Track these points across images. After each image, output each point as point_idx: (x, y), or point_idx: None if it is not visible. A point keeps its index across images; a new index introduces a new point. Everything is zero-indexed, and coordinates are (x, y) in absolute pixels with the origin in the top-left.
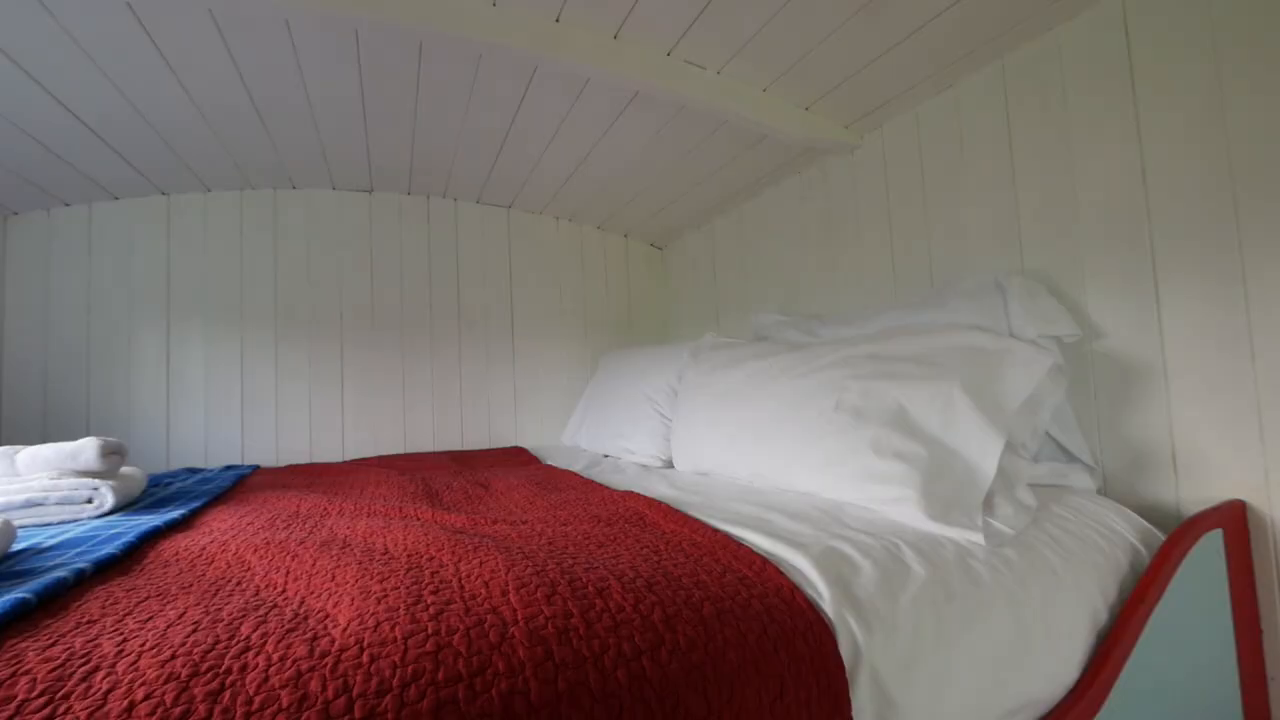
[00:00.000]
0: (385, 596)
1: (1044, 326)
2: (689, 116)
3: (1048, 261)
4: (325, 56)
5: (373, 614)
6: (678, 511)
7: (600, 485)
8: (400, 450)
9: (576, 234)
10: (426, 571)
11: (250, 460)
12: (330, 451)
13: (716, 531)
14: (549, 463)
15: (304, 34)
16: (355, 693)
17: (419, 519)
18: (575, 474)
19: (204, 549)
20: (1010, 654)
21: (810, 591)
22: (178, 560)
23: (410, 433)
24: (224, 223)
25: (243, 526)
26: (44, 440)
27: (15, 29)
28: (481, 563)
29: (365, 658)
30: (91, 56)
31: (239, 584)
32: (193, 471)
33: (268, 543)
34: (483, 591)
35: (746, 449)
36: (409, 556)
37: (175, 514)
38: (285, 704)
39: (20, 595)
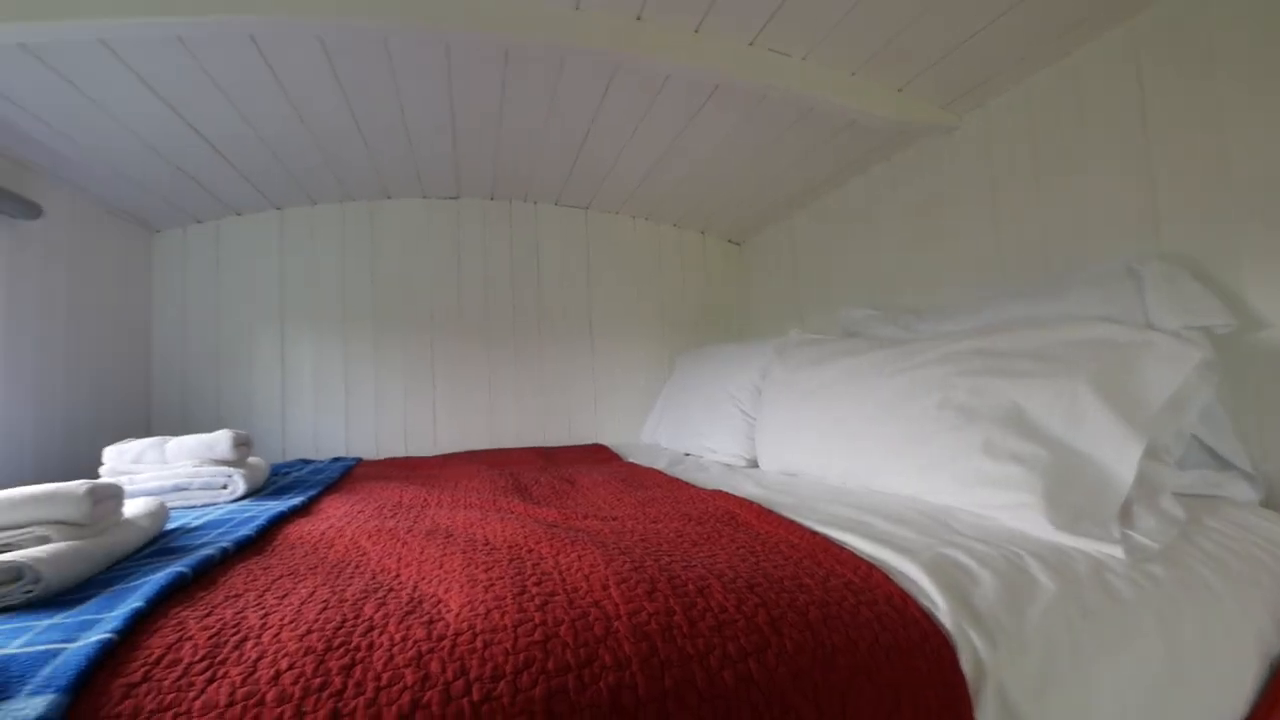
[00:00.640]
0: (492, 585)
1: (1189, 316)
2: (771, 106)
3: (1192, 244)
4: (419, 72)
5: (482, 601)
6: (770, 512)
7: (686, 484)
8: (486, 445)
9: (653, 232)
10: (528, 563)
11: (353, 453)
12: (423, 445)
13: (814, 534)
14: (630, 460)
15: (401, 52)
16: (472, 676)
17: (512, 512)
18: (659, 472)
19: (324, 534)
20: (1162, 680)
21: (924, 601)
22: (302, 543)
23: (495, 429)
24: (328, 233)
25: (354, 514)
26: (183, 431)
27: (162, 67)
28: (580, 556)
29: (479, 643)
30: (221, 88)
31: (357, 567)
32: (305, 462)
33: (379, 530)
34: (584, 585)
35: (838, 449)
36: (509, 548)
37: (296, 501)
38: (410, 682)
39: (178, 569)
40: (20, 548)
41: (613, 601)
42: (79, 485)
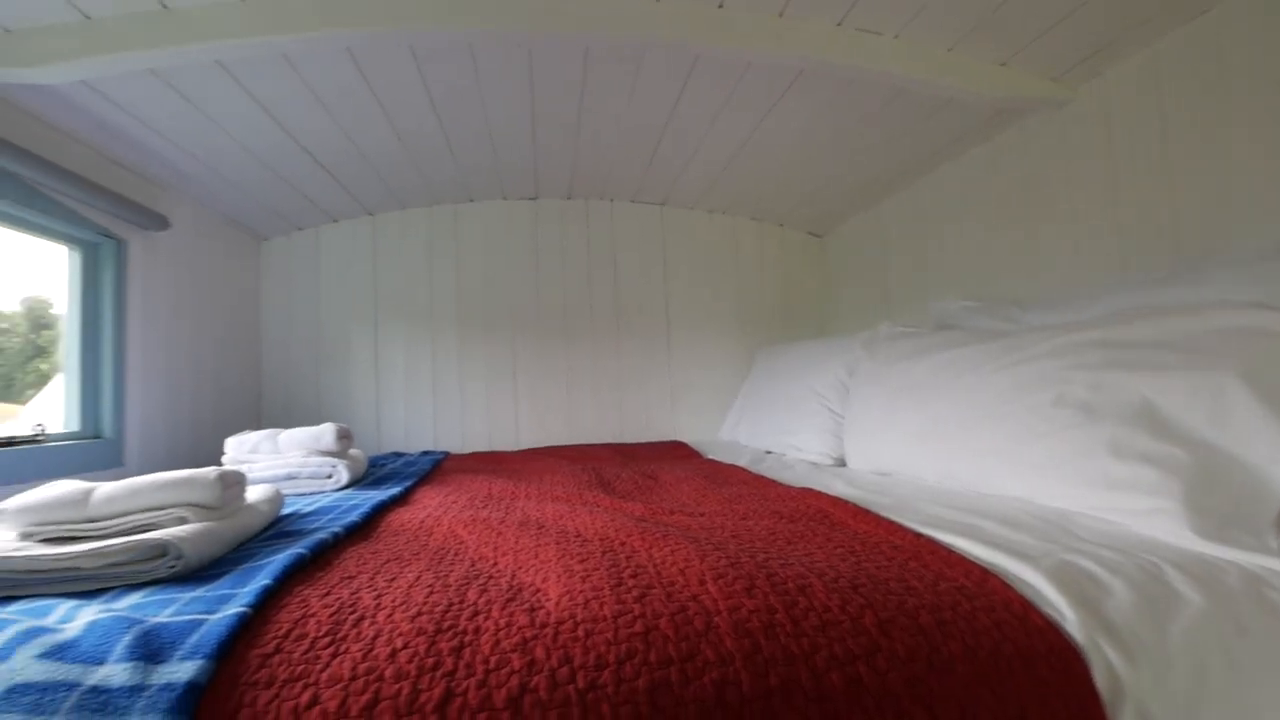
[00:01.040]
0: (588, 576)
1: None
2: (858, 89)
3: None
4: (502, 75)
5: (580, 591)
6: (868, 512)
7: (772, 481)
8: (566, 441)
9: (729, 226)
10: (621, 556)
11: (441, 447)
12: (506, 440)
13: (918, 535)
14: (711, 457)
15: (485, 56)
16: (576, 664)
17: (599, 506)
18: (743, 469)
19: (422, 522)
20: None
21: (1048, 610)
22: (404, 530)
23: (574, 425)
24: (416, 236)
25: (449, 504)
26: (287, 425)
27: (269, 84)
28: (673, 551)
29: (581, 632)
30: (322, 101)
31: (456, 555)
32: (398, 455)
33: (474, 520)
34: (680, 579)
35: (937, 447)
36: (601, 541)
37: (395, 491)
38: (517, 667)
39: (298, 550)
40: (162, 527)
41: (711, 597)
42: (210, 471)
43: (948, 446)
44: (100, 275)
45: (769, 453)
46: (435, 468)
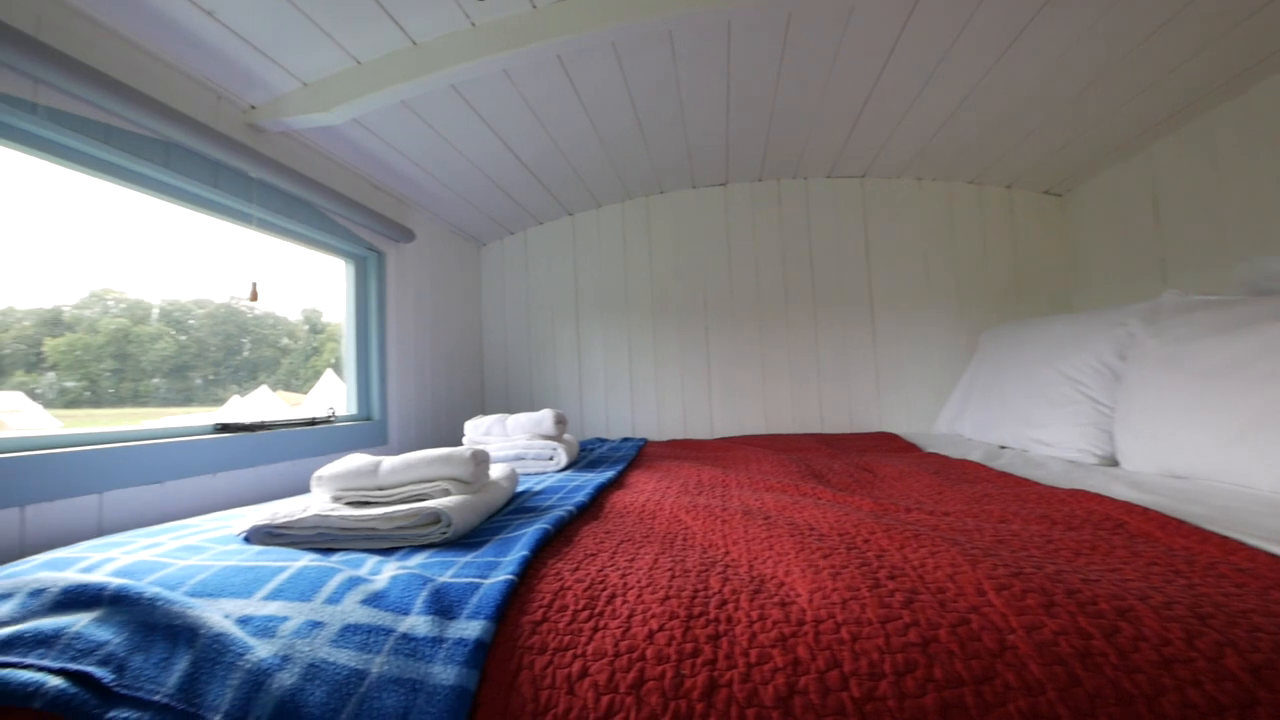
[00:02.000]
0: (838, 574)
1: None
2: (1135, 2)
3: None
4: (698, 59)
5: (833, 589)
6: (1182, 523)
7: (1024, 480)
8: (761, 431)
9: (943, 194)
10: (869, 554)
11: (639, 433)
12: (701, 428)
13: (1274, 557)
14: (931, 451)
15: (683, 41)
16: (847, 669)
17: (820, 498)
18: (979, 465)
19: (643, 505)
20: None
21: None
22: (628, 512)
23: (770, 414)
24: (611, 231)
25: (663, 489)
26: (507, 409)
27: (493, 102)
28: (932, 553)
29: (845, 634)
30: (533, 110)
31: (685, 540)
32: (601, 441)
33: (694, 506)
34: (950, 586)
35: (1272, 448)
36: (840, 536)
37: (610, 474)
38: (780, 664)
39: (544, 526)
40: (431, 498)
41: (997, 611)
42: (465, 450)
43: None
44: (367, 283)
45: (1004, 448)
46: (639, 453)
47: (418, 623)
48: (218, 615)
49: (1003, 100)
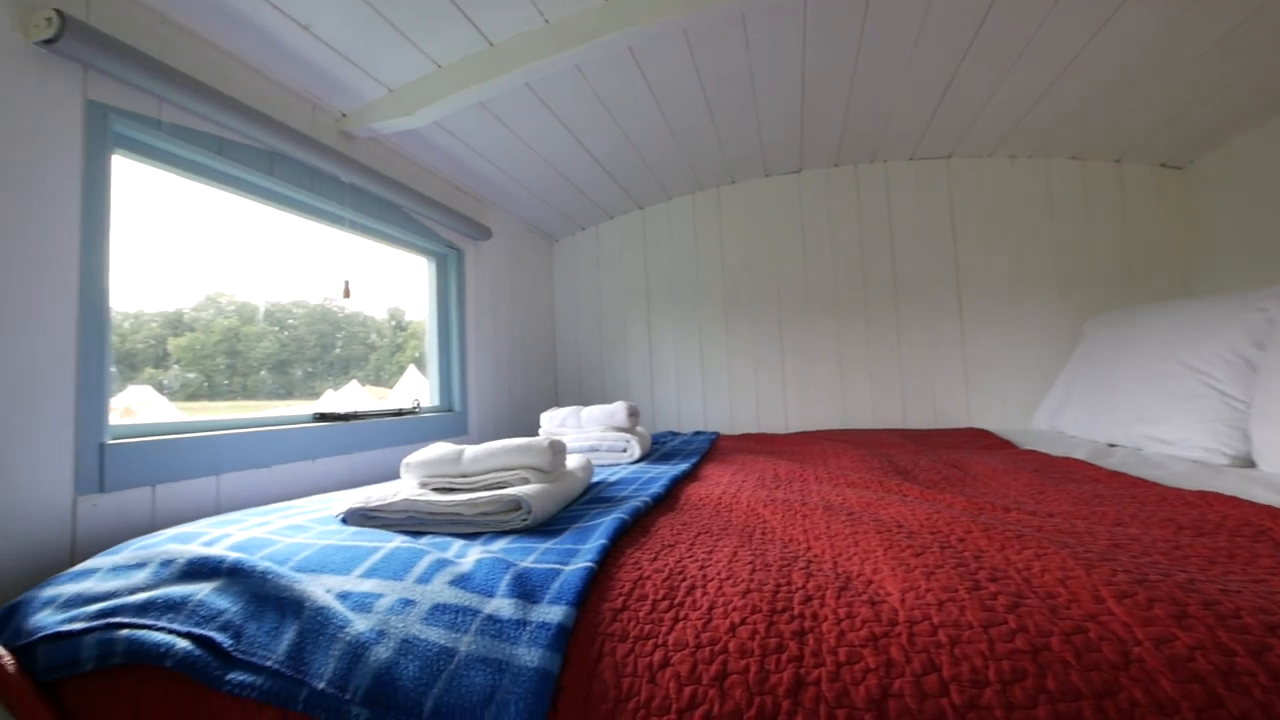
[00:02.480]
0: (932, 574)
1: None
2: None
3: None
4: (772, 42)
5: (927, 589)
6: None
7: (1141, 480)
8: (838, 426)
9: (1040, 172)
10: (966, 554)
11: (710, 427)
12: (775, 423)
13: None
14: (1028, 448)
15: (756, 26)
16: (946, 675)
17: (906, 495)
18: (1087, 464)
19: (719, 498)
20: None
21: None
22: (703, 505)
23: (848, 409)
24: (682, 224)
25: (738, 482)
26: (579, 401)
27: (565, 98)
28: (1038, 555)
29: (942, 637)
30: (605, 104)
31: (764, 534)
32: (673, 434)
33: (771, 500)
34: (1061, 591)
35: None
36: (931, 533)
37: (684, 466)
38: (872, 664)
39: (620, 515)
40: (510, 486)
41: (1118, 620)
42: (543, 440)
43: None
44: (448, 280)
45: (1113, 446)
46: (711, 447)
47: (502, 605)
48: (320, 590)
49: (1111, 66)
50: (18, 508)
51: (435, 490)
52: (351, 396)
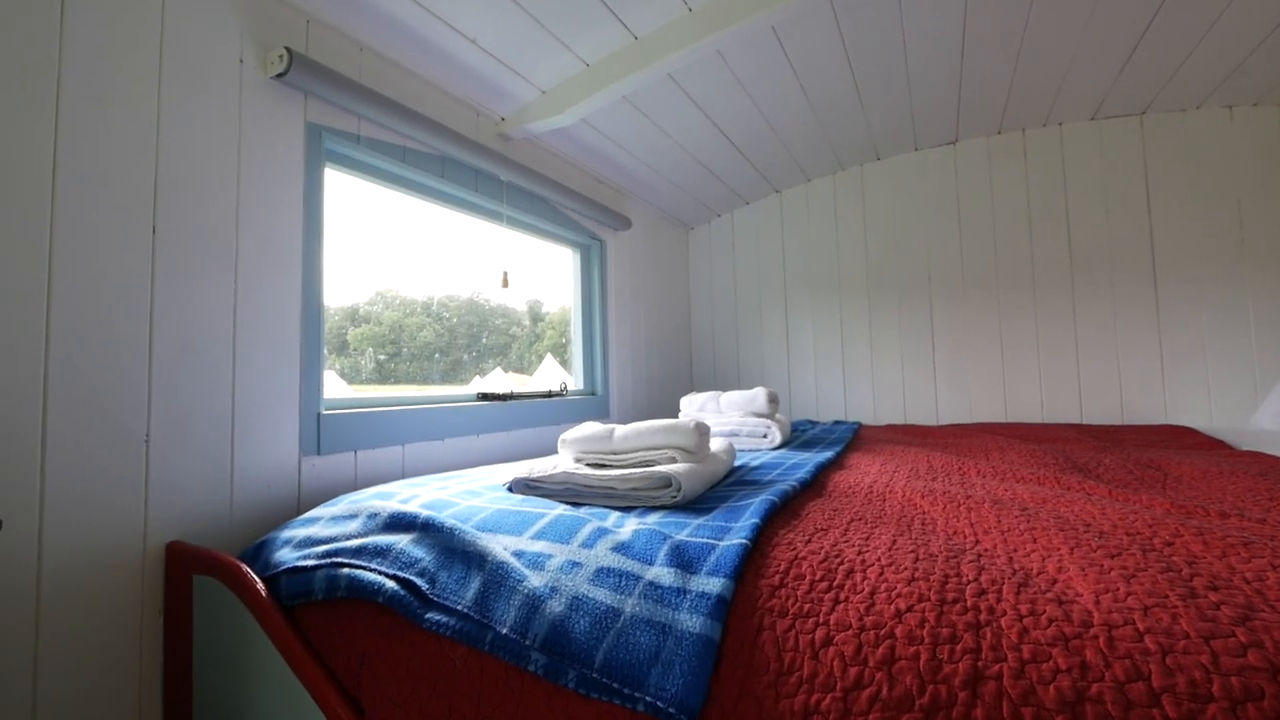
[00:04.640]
0: (1132, 576)
1: None
2: None
3: None
4: (927, 7)
5: (1127, 593)
6: None
7: None
8: (1000, 419)
9: (1264, 124)
10: (1174, 559)
11: (851, 417)
12: (924, 414)
13: None
14: (1248, 450)
15: None
16: (1156, 685)
17: (1091, 493)
18: None
19: (870, 487)
20: None
21: None
22: (852, 492)
23: (1012, 401)
24: (821, 206)
25: (888, 472)
26: (714, 386)
27: (705, 84)
28: (1273, 566)
29: (1151, 644)
30: (744, 86)
31: (923, 525)
32: (811, 423)
33: (929, 491)
34: None
35: None
36: (1128, 535)
37: (829, 454)
38: (1063, 666)
39: (770, 497)
40: (659, 464)
41: None
42: (690, 421)
43: None
44: (591, 270)
45: None
46: (854, 436)
47: (662, 573)
48: (499, 547)
49: None
50: (263, 465)
51: (589, 465)
52: (497, 382)
